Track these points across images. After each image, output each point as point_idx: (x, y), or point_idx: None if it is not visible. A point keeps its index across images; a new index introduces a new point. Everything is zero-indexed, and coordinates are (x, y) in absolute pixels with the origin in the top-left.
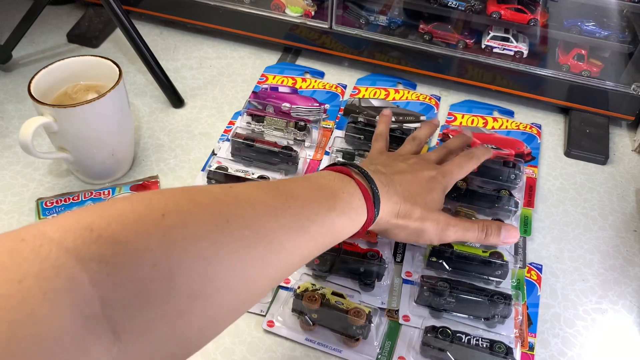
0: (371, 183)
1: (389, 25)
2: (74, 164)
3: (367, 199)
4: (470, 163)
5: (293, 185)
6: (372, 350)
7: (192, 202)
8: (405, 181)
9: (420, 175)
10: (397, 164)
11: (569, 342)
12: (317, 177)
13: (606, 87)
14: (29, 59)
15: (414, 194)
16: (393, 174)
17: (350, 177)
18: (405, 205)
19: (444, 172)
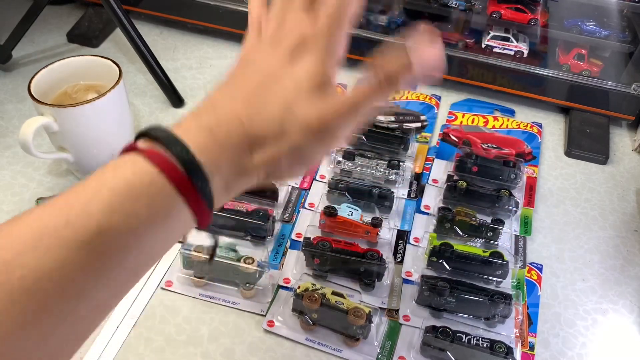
0: (172, 144)
1: (389, 25)
2: (74, 164)
3: (170, 173)
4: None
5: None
6: (373, 350)
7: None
8: (254, 94)
9: (275, 67)
10: (247, 71)
11: (569, 342)
12: (70, 189)
13: (606, 87)
14: (29, 59)
15: (264, 105)
16: (234, 97)
17: (135, 152)
18: (254, 136)
19: (320, 31)
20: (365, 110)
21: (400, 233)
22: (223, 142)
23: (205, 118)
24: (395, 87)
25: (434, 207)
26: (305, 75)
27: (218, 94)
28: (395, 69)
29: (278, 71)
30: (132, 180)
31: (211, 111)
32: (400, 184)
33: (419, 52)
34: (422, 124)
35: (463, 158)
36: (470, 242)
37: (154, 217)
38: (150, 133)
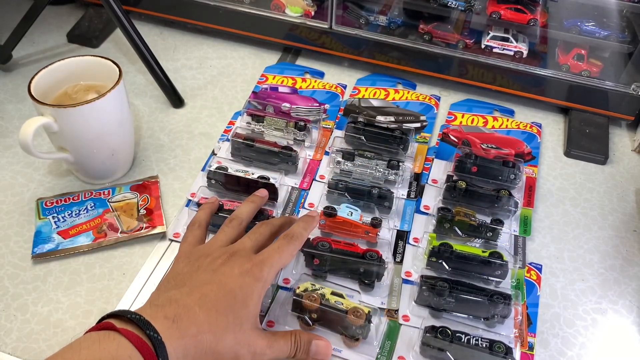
0: (146, 327)
1: (389, 25)
2: (74, 164)
3: (143, 350)
4: (292, 245)
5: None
6: (372, 350)
7: None
8: (209, 299)
9: (230, 281)
10: (199, 274)
11: (568, 342)
12: (64, 352)
13: (606, 87)
14: (29, 59)
15: (224, 312)
16: (191, 293)
17: (115, 331)
18: (213, 334)
19: (262, 261)
20: (281, 356)
21: (400, 233)
22: (183, 331)
23: (168, 310)
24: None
25: (433, 208)
26: (253, 305)
27: (174, 290)
28: (300, 356)
29: (231, 284)
30: (116, 354)
31: (171, 304)
32: (400, 184)
33: (317, 347)
34: (421, 124)
35: (462, 158)
36: (469, 242)
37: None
38: (125, 315)
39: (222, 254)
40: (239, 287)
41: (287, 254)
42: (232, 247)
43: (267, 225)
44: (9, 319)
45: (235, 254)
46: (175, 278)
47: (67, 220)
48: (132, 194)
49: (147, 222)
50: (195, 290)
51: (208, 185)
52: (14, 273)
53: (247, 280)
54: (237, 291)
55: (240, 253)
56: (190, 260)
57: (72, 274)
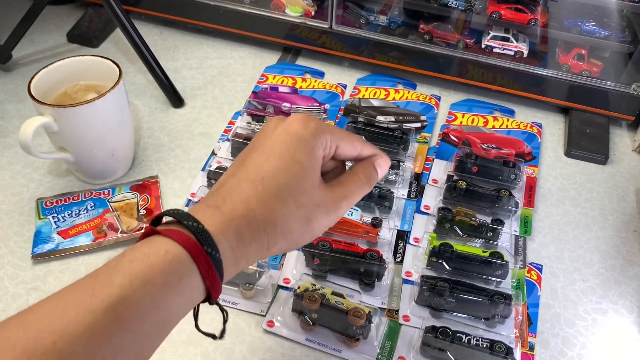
0: (184, 219)
1: (389, 25)
2: (74, 164)
3: (182, 241)
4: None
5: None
6: (372, 350)
7: None
8: (256, 167)
9: (274, 144)
10: (255, 142)
11: (569, 342)
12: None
13: (606, 87)
14: (29, 59)
15: (273, 177)
16: (235, 173)
17: (153, 232)
18: (263, 209)
19: (303, 117)
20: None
21: (400, 233)
22: (230, 215)
23: (212, 197)
24: (369, 189)
25: (433, 207)
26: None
27: (223, 177)
28: (373, 177)
29: (285, 146)
30: (147, 251)
31: (221, 191)
32: (400, 184)
33: (381, 167)
34: (421, 124)
35: (463, 158)
36: (470, 242)
37: (167, 282)
38: (161, 215)
39: (274, 119)
40: (291, 143)
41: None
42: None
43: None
44: None
45: (291, 117)
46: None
47: (67, 220)
48: (132, 194)
49: (147, 222)
50: (239, 167)
51: (208, 185)
52: (14, 273)
53: (304, 137)
54: (288, 148)
55: (295, 116)
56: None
57: (72, 274)
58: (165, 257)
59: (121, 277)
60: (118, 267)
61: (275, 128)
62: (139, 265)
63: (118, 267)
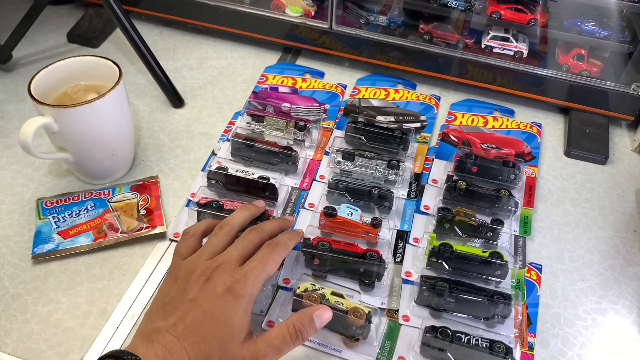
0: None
1: (389, 25)
2: (74, 164)
3: None
4: (275, 254)
5: None
6: (372, 350)
7: None
8: (193, 328)
9: (210, 305)
10: (185, 297)
11: (568, 342)
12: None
13: (606, 87)
14: (29, 59)
15: (207, 339)
16: (176, 326)
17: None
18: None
19: (244, 275)
20: (285, 352)
21: (400, 233)
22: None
23: (159, 347)
24: (304, 340)
25: (433, 208)
26: (237, 321)
27: (162, 322)
28: (306, 330)
29: (213, 308)
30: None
31: (161, 337)
32: (400, 184)
33: (320, 319)
34: (421, 124)
35: (462, 158)
36: (469, 242)
37: None
38: (122, 357)
39: (206, 269)
40: (220, 309)
41: (271, 263)
42: (216, 260)
43: (256, 231)
44: (9, 319)
45: (219, 269)
46: (163, 303)
47: (67, 221)
48: (132, 194)
49: (147, 222)
50: (179, 322)
51: (208, 185)
52: (14, 273)
53: (229, 299)
54: (219, 314)
55: (223, 267)
56: (178, 278)
57: (72, 274)
58: None
59: None
60: None
61: (215, 290)
62: None
63: None
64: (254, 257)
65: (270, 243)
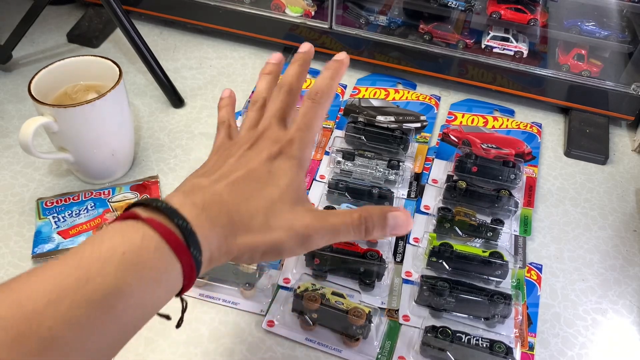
0: (173, 216)
1: (389, 25)
2: (74, 164)
3: (172, 242)
4: (320, 107)
5: (19, 292)
6: (372, 350)
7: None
8: (236, 185)
9: (256, 165)
10: (227, 161)
11: (568, 342)
12: (82, 246)
13: (606, 87)
14: (29, 59)
15: (251, 197)
16: (219, 180)
17: (139, 220)
18: (242, 220)
19: (290, 138)
20: (342, 238)
21: None
22: (213, 220)
23: (197, 197)
24: (368, 236)
25: (433, 207)
26: (286, 182)
27: (202, 178)
28: (373, 224)
29: (259, 169)
30: (140, 245)
31: (199, 192)
32: (400, 184)
33: (396, 220)
34: (421, 124)
35: (463, 158)
36: (469, 242)
37: (155, 278)
38: (151, 204)
39: (249, 138)
40: (267, 171)
41: (316, 118)
42: (257, 129)
43: (283, 88)
44: None
45: (261, 137)
46: (203, 168)
47: (67, 220)
48: (132, 194)
49: None
50: (222, 178)
51: None
52: (14, 273)
53: (277, 164)
54: (264, 175)
55: (266, 134)
56: (219, 152)
57: None
58: (155, 255)
59: (114, 268)
60: (112, 257)
61: (260, 155)
62: (130, 260)
63: (112, 257)
64: (297, 114)
65: (310, 93)
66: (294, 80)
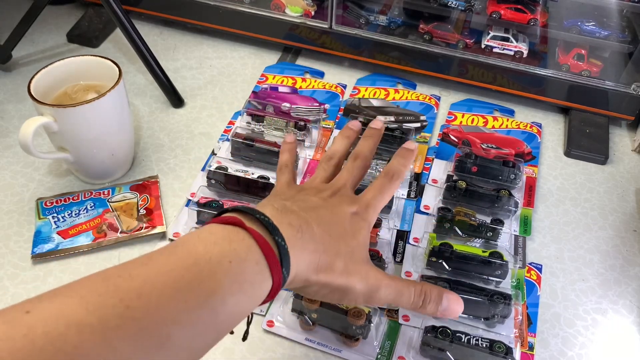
0: (274, 233)
1: (389, 25)
2: (74, 164)
3: (269, 258)
4: (394, 184)
5: (144, 274)
6: (372, 350)
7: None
8: (324, 221)
9: (339, 212)
10: (309, 197)
11: (568, 342)
12: (193, 243)
13: (606, 87)
14: (29, 59)
15: (336, 238)
16: (306, 211)
17: (243, 229)
18: (326, 256)
19: (366, 204)
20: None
21: (400, 233)
22: (305, 245)
23: (292, 218)
24: (423, 308)
25: (433, 207)
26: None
27: (288, 202)
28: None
29: (344, 218)
30: (245, 258)
31: (292, 214)
32: (400, 184)
33: (449, 302)
34: (421, 124)
35: (462, 158)
36: (469, 242)
37: (249, 290)
38: (254, 214)
39: (326, 189)
40: (349, 222)
41: (389, 194)
42: (333, 185)
43: (360, 160)
44: None
45: (339, 192)
46: (282, 195)
47: (67, 220)
48: (132, 193)
49: (147, 222)
50: (309, 209)
51: (208, 185)
52: (14, 273)
53: (355, 220)
54: (347, 224)
55: (343, 192)
56: (292, 188)
57: (72, 274)
58: (255, 269)
59: (223, 275)
60: (222, 264)
61: (342, 206)
62: (236, 269)
63: (222, 264)
64: (372, 186)
65: (387, 172)
66: (368, 155)
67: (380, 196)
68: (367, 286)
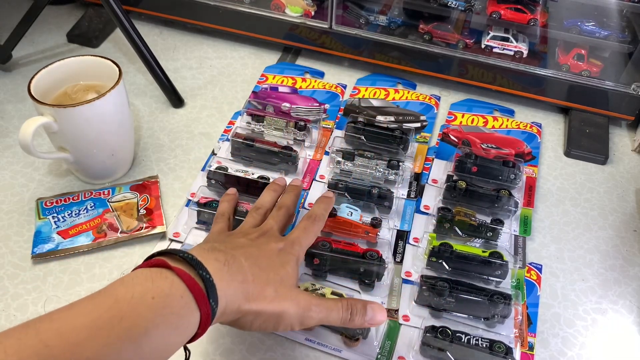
0: (198, 267)
1: (389, 25)
2: (74, 164)
3: (194, 291)
4: (316, 226)
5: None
6: (372, 350)
7: None
8: (252, 255)
9: (267, 248)
10: (237, 239)
11: (568, 342)
12: (115, 287)
13: (606, 87)
14: (29, 59)
15: (265, 269)
16: (234, 249)
17: (167, 268)
18: (255, 285)
19: (292, 241)
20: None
21: (400, 233)
22: (232, 276)
23: (219, 255)
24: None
25: (433, 207)
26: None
27: (217, 244)
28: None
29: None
30: (168, 293)
31: (220, 252)
32: (400, 184)
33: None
34: (421, 124)
35: (462, 158)
36: (469, 242)
37: (177, 322)
38: (178, 254)
39: (254, 232)
40: (276, 255)
41: (312, 234)
42: (260, 228)
43: (284, 209)
44: (8, 319)
45: (267, 234)
46: (210, 242)
47: (67, 220)
48: (132, 193)
49: (147, 222)
50: (237, 247)
51: (208, 185)
52: (14, 273)
53: (282, 255)
54: (275, 257)
55: (270, 233)
56: (222, 234)
57: (72, 274)
58: (180, 302)
59: (146, 310)
60: (143, 300)
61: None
62: (159, 304)
63: (143, 299)
64: (296, 228)
65: (309, 216)
66: (291, 205)
67: (305, 235)
68: (299, 308)
